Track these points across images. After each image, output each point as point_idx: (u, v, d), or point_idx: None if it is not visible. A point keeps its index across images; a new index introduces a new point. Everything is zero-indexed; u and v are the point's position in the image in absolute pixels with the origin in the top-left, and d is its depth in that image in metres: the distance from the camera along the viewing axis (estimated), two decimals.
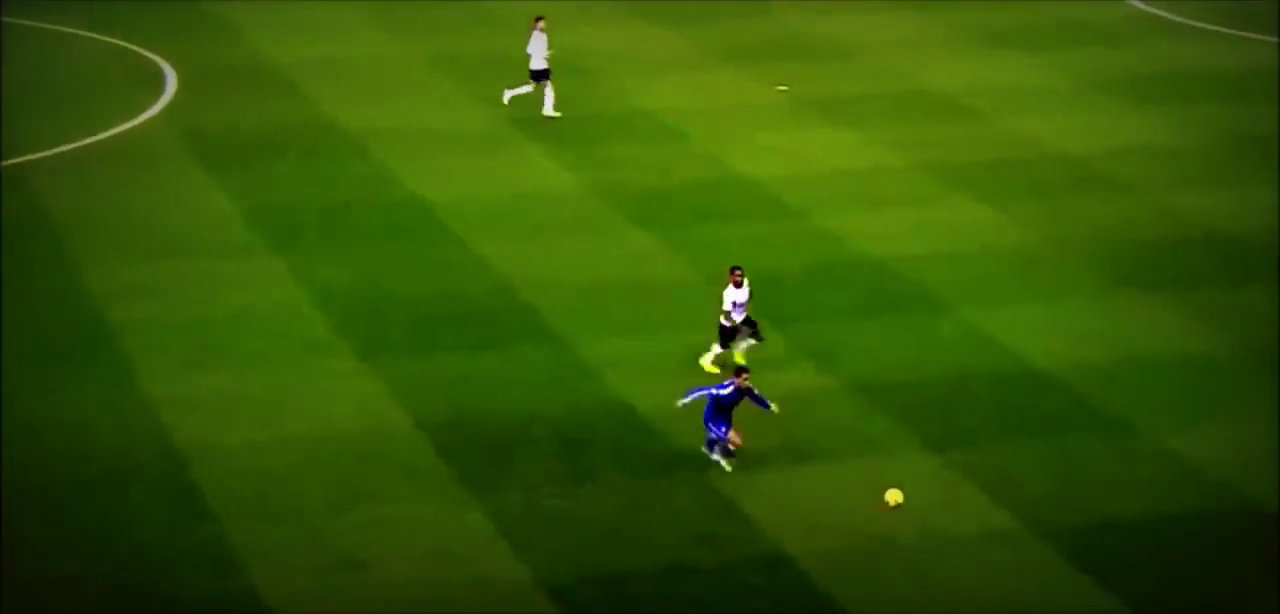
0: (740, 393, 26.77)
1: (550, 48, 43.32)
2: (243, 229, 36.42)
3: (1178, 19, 53.11)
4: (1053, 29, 52.26)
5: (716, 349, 29.98)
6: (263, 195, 38.37)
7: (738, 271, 29.71)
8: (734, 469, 26.95)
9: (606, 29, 52.40)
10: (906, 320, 32.38)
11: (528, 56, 43.59)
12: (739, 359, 29.37)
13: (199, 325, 31.82)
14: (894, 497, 25.38)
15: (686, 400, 27.18)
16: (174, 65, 47.39)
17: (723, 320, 29.56)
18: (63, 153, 40.90)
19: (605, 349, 31.14)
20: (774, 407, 27.27)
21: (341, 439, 27.87)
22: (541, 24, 43.25)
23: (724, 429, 26.74)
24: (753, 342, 29.88)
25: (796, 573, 24.23)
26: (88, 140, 41.69)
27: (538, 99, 43.54)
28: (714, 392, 26.92)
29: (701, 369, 29.98)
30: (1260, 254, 35.17)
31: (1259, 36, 50.64)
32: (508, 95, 43.95)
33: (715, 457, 27.04)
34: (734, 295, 29.60)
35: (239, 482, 26.53)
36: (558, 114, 43.45)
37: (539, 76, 43.46)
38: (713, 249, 35.63)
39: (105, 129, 42.49)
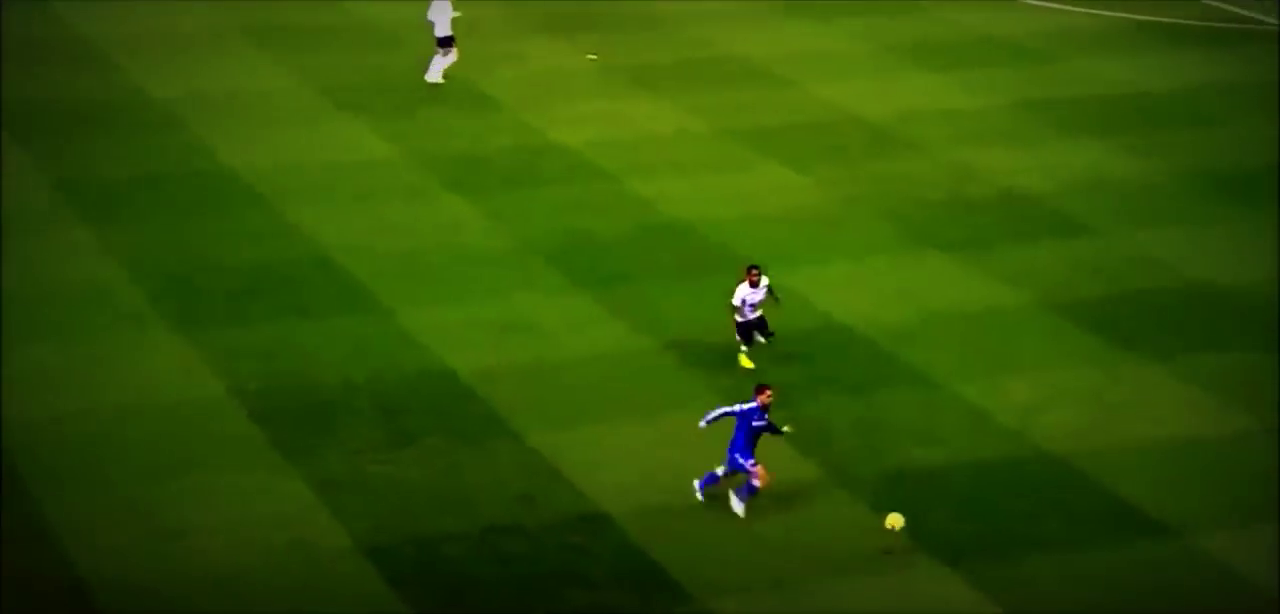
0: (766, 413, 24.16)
1: (456, 11, 43.00)
2: (55, 202, 35.47)
3: None
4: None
5: (744, 347, 28.77)
6: (75, 168, 37.42)
7: (755, 271, 28.54)
8: (550, 427, 26.85)
9: None
10: (716, 281, 32.42)
11: (430, 24, 43.28)
12: (745, 362, 28.33)
13: (12, 300, 30.95)
14: (894, 522, 23.67)
15: (710, 419, 24.64)
16: None
17: (736, 318, 28.39)
18: None
19: (423, 316, 30.85)
20: (787, 428, 24.89)
21: (158, 409, 27.30)
22: None
23: (752, 460, 24.10)
24: (760, 340, 28.77)
25: (616, 531, 24.22)
26: None
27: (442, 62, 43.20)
28: (740, 410, 24.17)
29: (740, 364, 28.55)
30: (1048, 212, 35.83)
31: (1051, 5, 51.55)
32: (430, 77, 43.18)
33: (735, 501, 24.15)
34: (749, 294, 28.47)
35: (54, 454, 25.87)
36: (442, 81, 43.09)
37: (445, 42, 42.98)
38: (528, 215, 35.48)
39: None
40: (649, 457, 26.22)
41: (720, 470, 24.61)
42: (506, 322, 30.67)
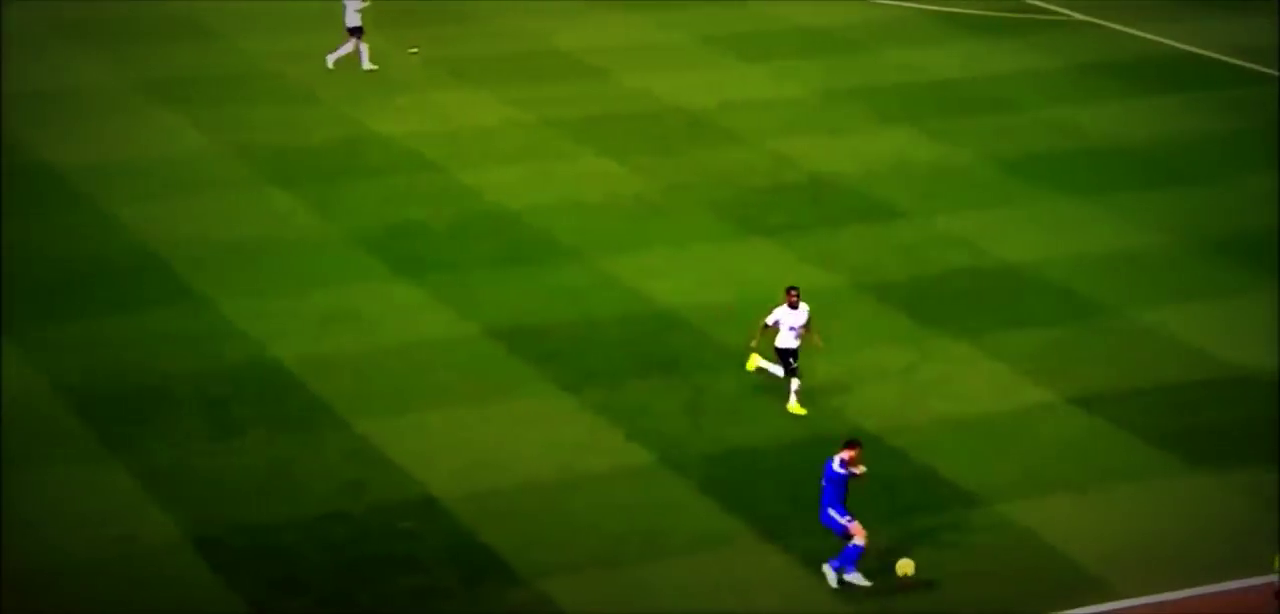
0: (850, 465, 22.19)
1: (364, 3, 43.23)
2: None
3: None
4: None
5: (794, 384, 26.61)
6: None
7: (794, 292, 26.62)
8: (377, 414, 26.65)
9: None
10: (540, 269, 32.48)
11: (343, 8, 43.19)
12: (796, 409, 26.23)
13: None
14: (906, 568, 22.24)
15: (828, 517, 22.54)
16: None
17: (779, 345, 26.25)
18: None
19: (246, 306, 30.43)
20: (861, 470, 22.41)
21: None
22: None
23: (846, 515, 22.26)
24: (780, 371, 26.73)
25: (445, 515, 24.10)
26: None
27: (355, 57, 43.42)
28: (829, 473, 22.35)
29: (790, 410, 26.42)
30: (858, 196, 36.31)
31: None
32: (331, 59, 43.31)
33: (848, 577, 22.17)
34: (788, 317, 26.51)
35: None
36: (375, 67, 43.24)
37: (355, 33, 43.19)
38: (351, 206, 35.17)
39: None
40: (477, 442, 26.12)
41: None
42: (331, 311, 30.37)
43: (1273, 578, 22.25)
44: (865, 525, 22.58)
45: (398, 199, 35.58)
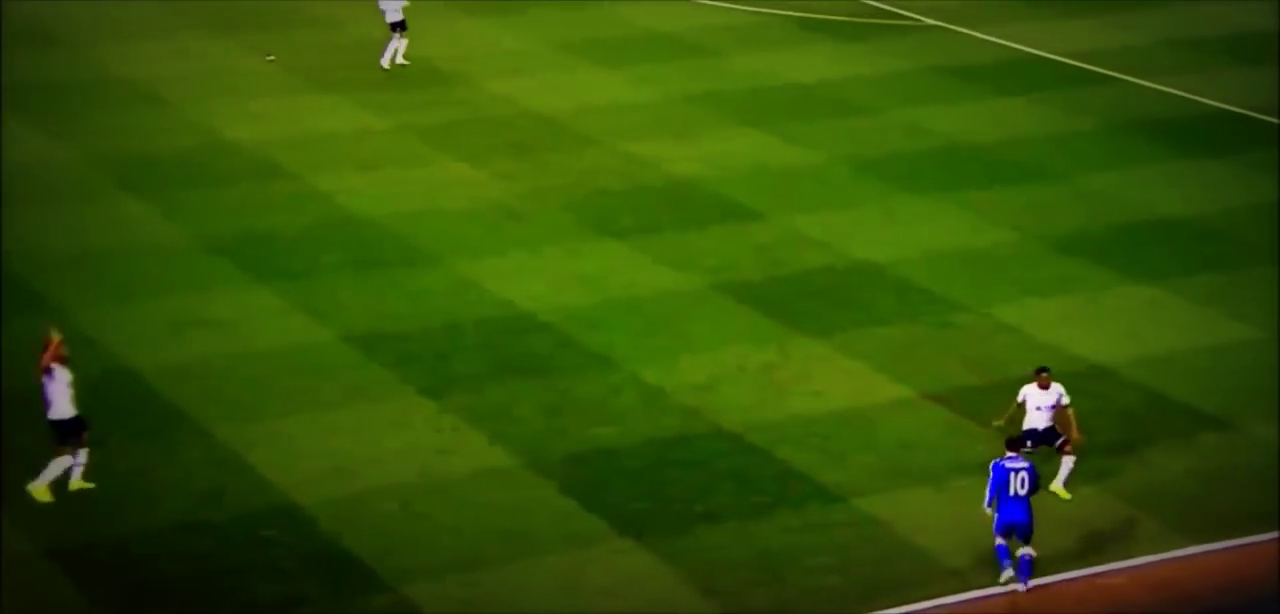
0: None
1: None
2: None
3: None
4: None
5: (1065, 466, 24.95)
6: None
7: (1045, 373, 24.86)
8: (235, 421, 26.41)
9: None
10: (398, 274, 32.37)
11: (382, 12, 44.40)
12: (1061, 493, 24.63)
13: None
14: None
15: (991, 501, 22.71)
16: None
17: (1028, 425, 24.58)
18: None
19: (98, 315, 30.02)
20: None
21: None
22: None
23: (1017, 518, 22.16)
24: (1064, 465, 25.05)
25: (306, 521, 23.95)
26: None
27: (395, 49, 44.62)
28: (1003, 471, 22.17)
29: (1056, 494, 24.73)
30: (714, 198, 36.60)
31: (715, 3, 52.61)
32: (385, 61, 44.28)
33: (1014, 578, 22.36)
34: (1038, 398, 24.79)
35: None
36: (404, 62, 44.30)
37: (396, 28, 44.25)
38: (205, 212, 34.83)
39: None
40: (337, 447, 25.99)
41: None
42: (186, 318, 30.05)
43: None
44: (721, 518, 22.77)
45: (252, 205, 35.30)
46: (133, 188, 36.06)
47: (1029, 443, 24.28)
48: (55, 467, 24.21)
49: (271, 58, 45.16)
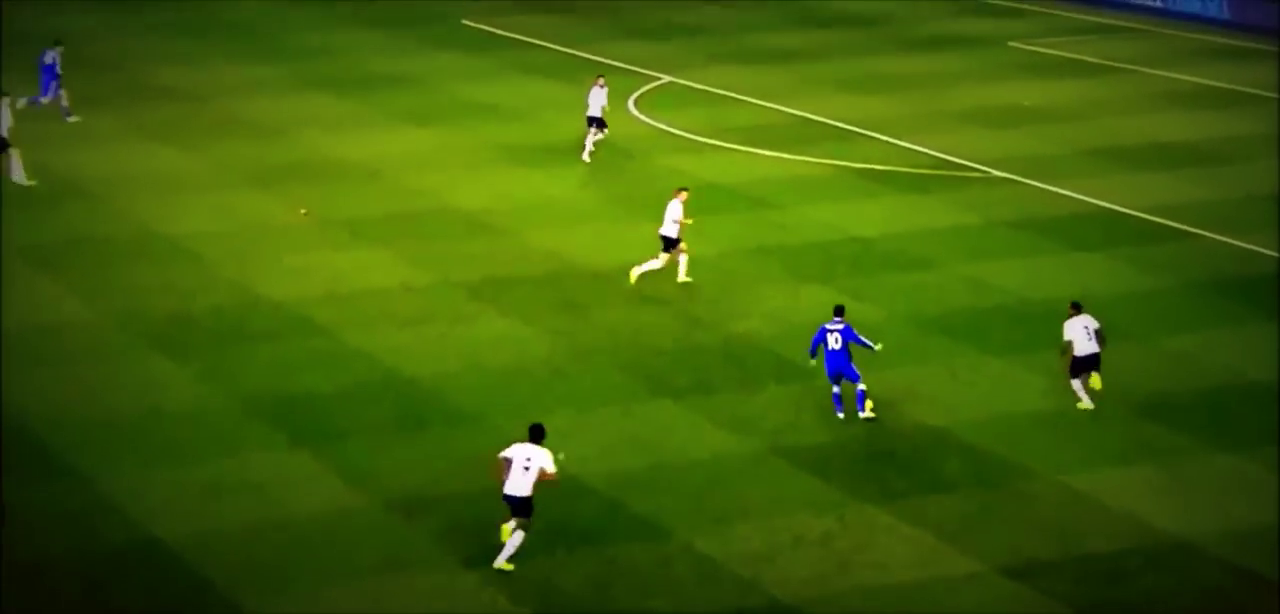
0: None
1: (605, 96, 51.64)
2: None
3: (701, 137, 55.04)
4: (560, 147, 53.61)
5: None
6: None
7: (1076, 306, 27.96)
8: (268, 593, 26.27)
9: (113, 148, 51.21)
10: (441, 435, 32.38)
11: (587, 105, 51.50)
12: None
13: None
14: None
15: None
16: None
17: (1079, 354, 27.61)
18: None
19: (126, 482, 30.08)
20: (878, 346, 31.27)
21: None
22: (602, 81, 52.12)
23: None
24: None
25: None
26: None
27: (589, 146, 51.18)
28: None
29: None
30: (769, 356, 36.50)
31: (773, 154, 52.81)
32: (585, 154, 51.33)
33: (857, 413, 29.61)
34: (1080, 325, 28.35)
35: None
36: (590, 149, 51.30)
37: (595, 123, 51.36)
38: (239, 372, 34.98)
39: None
40: None
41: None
42: (218, 483, 30.08)
43: None
44: None
45: (289, 365, 35.48)
46: (166, 348, 36.29)
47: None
48: None
49: (305, 212, 45.57)
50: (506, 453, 27.45)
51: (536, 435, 27.68)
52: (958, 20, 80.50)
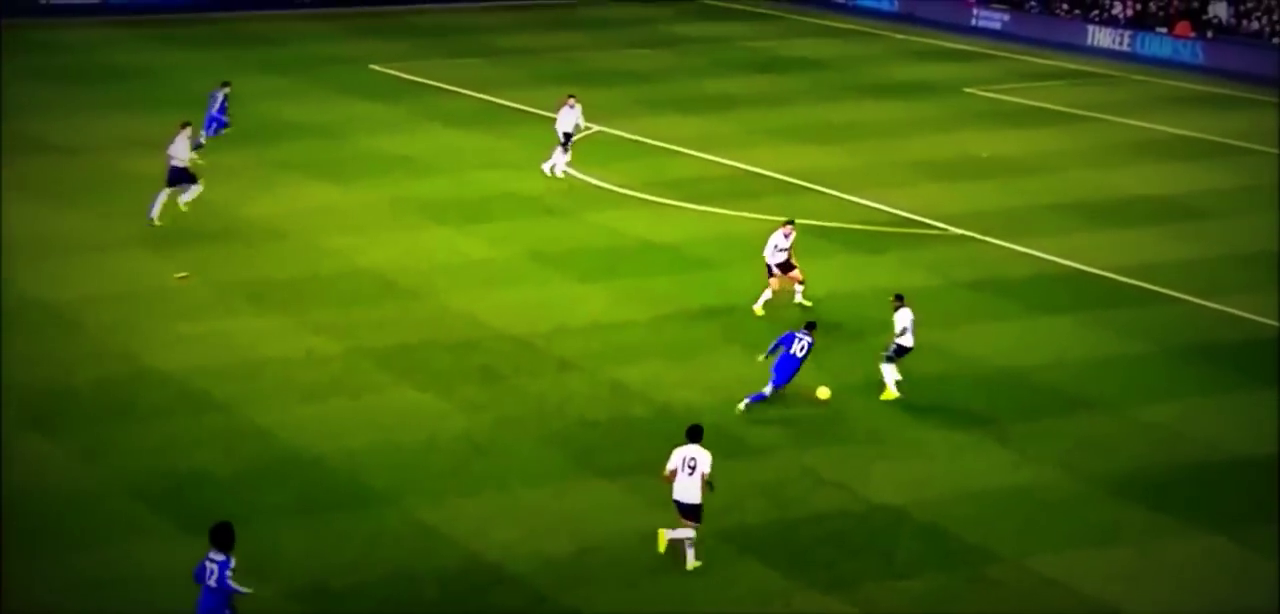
0: None
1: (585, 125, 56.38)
2: None
3: (622, 191, 55.12)
4: (478, 201, 53.50)
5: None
6: None
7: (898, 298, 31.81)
8: None
9: None
10: (350, 519, 32.10)
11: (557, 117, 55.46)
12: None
13: None
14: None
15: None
16: None
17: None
18: None
19: (3, 572, 29.65)
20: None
21: None
22: (573, 100, 55.84)
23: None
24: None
25: None
26: None
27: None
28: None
29: None
30: (710, 431, 36.41)
31: (720, 211, 52.87)
32: (560, 171, 55.60)
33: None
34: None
35: None
36: (562, 175, 55.31)
37: (566, 140, 55.52)
38: (127, 452, 34.58)
39: None
40: None
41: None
42: (102, 574, 29.68)
43: None
44: None
45: (180, 444, 35.11)
46: (43, 425, 35.87)
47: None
48: None
49: (183, 275, 45.18)
50: (672, 459, 30.28)
51: (695, 436, 30.52)
52: (911, 65, 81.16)
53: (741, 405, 37.02)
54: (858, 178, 57.60)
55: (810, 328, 37.60)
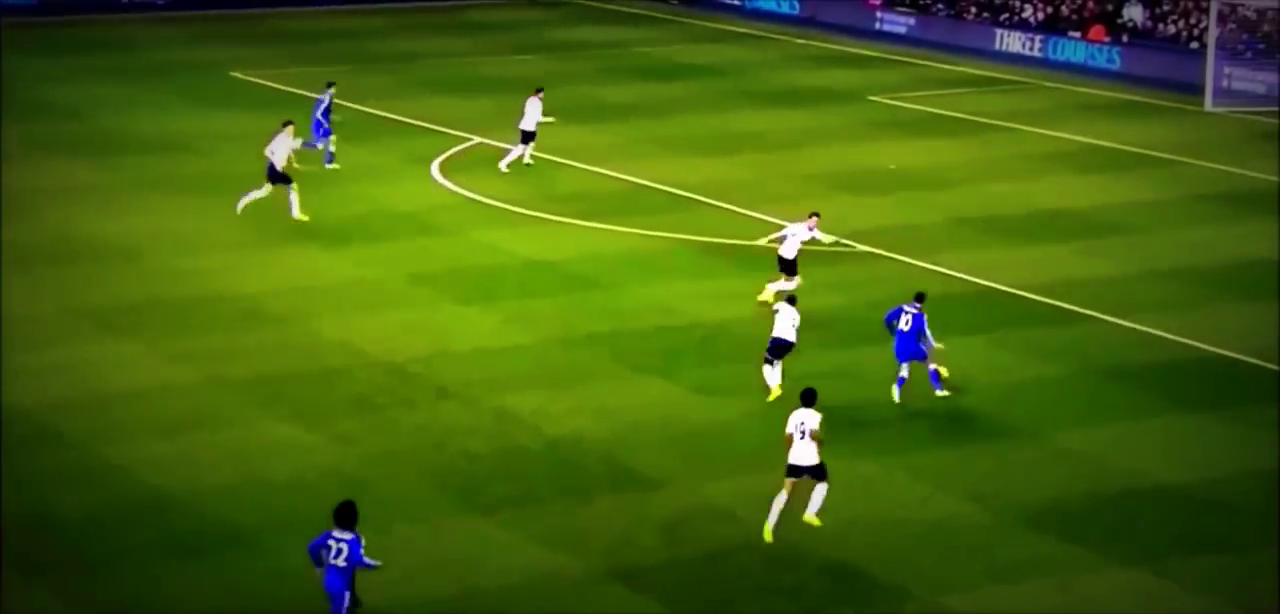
0: None
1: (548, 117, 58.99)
2: None
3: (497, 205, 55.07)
4: (350, 220, 53.32)
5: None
6: None
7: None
8: None
9: None
10: (214, 562, 31.86)
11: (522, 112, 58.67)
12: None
13: None
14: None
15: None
16: None
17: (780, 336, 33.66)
18: None
19: None
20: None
21: None
22: (540, 94, 59.34)
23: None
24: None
25: None
26: None
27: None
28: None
29: None
30: (601, 462, 36.42)
31: (609, 226, 52.91)
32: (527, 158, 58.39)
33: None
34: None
35: None
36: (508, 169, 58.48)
37: (526, 137, 58.77)
38: None
39: None
40: None
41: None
42: None
43: None
44: None
45: (29, 481, 34.75)
46: None
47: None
48: None
49: None
50: (790, 423, 32.89)
51: (808, 399, 33.08)
52: (813, 72, 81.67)
53: (896, 396, 39.57)
54: (756, 191, 57.82)
55: (919, 299, 39.97)
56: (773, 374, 39.56)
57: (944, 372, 39.94)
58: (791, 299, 40.44)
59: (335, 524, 28.31)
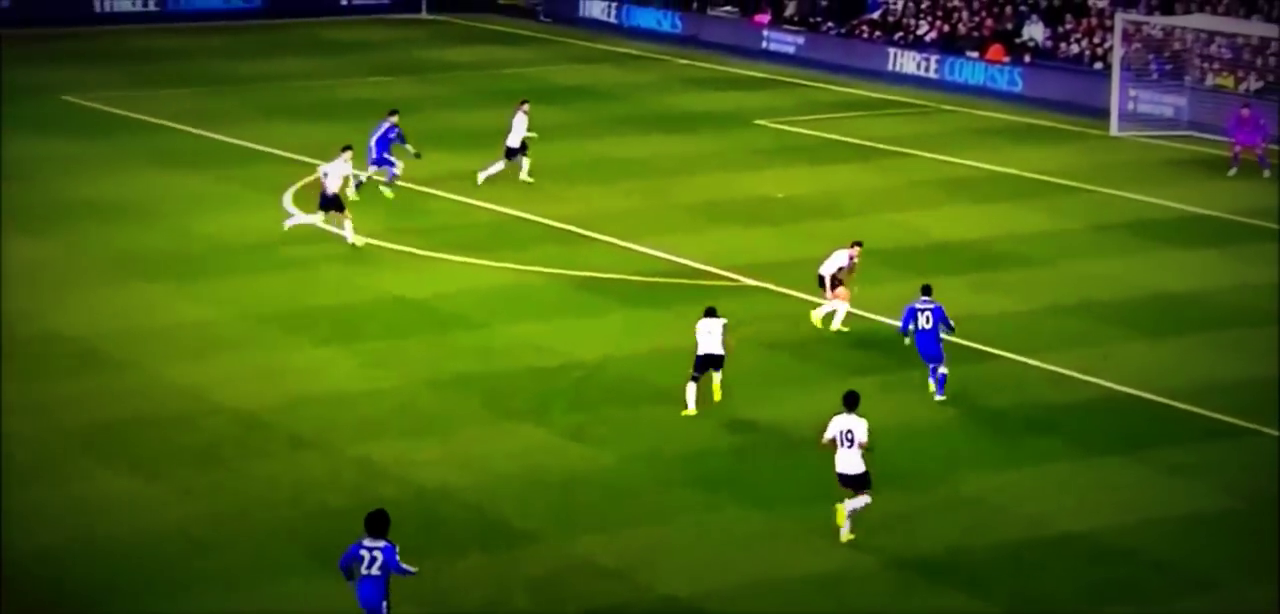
0: None
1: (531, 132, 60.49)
2: None
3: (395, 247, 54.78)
4: (196, 255, 52.85)
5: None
6: None
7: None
8: None
9: None
10: None
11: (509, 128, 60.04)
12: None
13: None
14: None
15: None
16: None
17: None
18: None
19: None
20: None
21: None
22: (526, 107, 60.83)
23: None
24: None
25: None
26: None
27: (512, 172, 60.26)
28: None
29: None
30: (470, 515, 36.13)
31: (480, 261, 52.66)
32: (482, 176, 59.92)
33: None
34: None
35: None
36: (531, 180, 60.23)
37: (510, 154, 60.48)
38: None
39: None
40: None
41: None
42: None
43: None
44: None
45: None
46: None
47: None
48: None
49: None
50: (830, 428, 34.07)
51: (851, 403, 34.35)
52: (696, 94, 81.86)
53: (937, 396, 41.88)
54: (637, 222, 57.72)
55: (927, 291, 42.21)
56: (694, 393, 40.74)
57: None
58: (711, 311, 41.37)
59: (366, 532, 29.16)
